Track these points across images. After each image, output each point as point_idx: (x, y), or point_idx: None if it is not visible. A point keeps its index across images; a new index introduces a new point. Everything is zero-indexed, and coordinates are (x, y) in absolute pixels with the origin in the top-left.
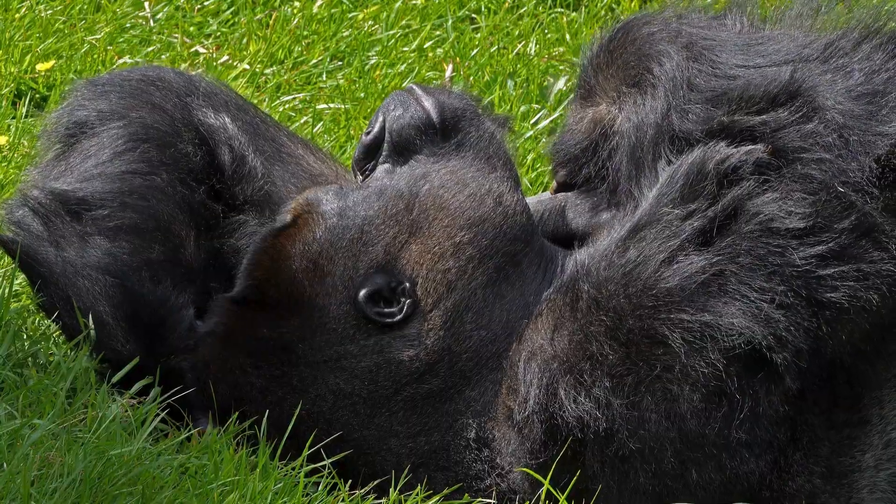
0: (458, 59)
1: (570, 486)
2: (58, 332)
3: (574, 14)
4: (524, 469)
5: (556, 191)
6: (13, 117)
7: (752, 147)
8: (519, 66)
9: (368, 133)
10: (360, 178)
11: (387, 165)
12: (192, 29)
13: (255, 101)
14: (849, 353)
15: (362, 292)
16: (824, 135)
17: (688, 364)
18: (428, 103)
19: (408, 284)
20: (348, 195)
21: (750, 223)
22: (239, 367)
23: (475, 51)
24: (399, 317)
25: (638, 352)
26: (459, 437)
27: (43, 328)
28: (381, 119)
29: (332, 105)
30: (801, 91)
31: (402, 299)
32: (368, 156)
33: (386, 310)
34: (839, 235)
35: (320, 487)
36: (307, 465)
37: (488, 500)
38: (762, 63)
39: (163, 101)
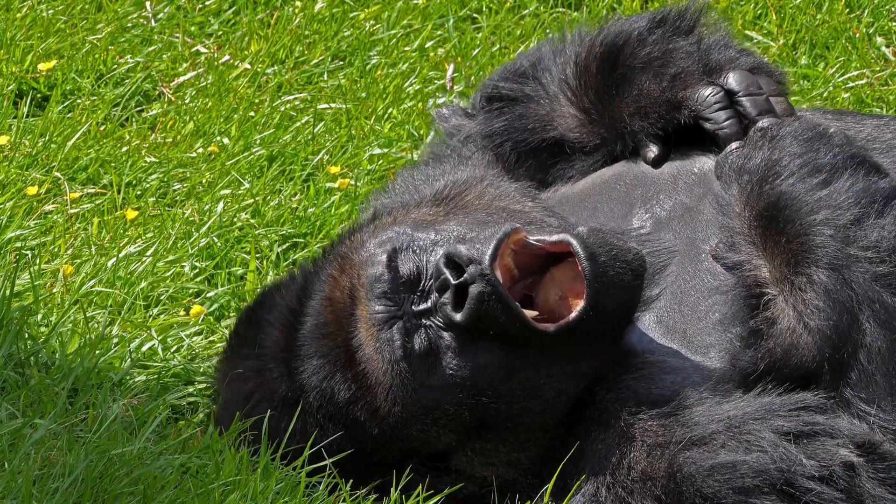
0: (459, 58)
1: None
2: (60, 332)
3: (576, 14)
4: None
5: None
6: (14, 117)
7: None
8: None
9: (456, 271)
10: (420, 303)
11: (451, 336)
12: (193, 28)
13: (257, 101)
14: None
15: (411, 464)
16: None
17: None
18: (578, 308)
19: (455, 465)
20: (425, 381)
21: None
22: None
23: (477, 50)
24: (440, 467)
25: None
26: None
27: (44, 328)
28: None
29: (333, 105)
30: None
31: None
32: (441, 285)
33: (425, 467)
34: None
35: (321, 487)
36: (308, 465)
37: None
38: None
39: None
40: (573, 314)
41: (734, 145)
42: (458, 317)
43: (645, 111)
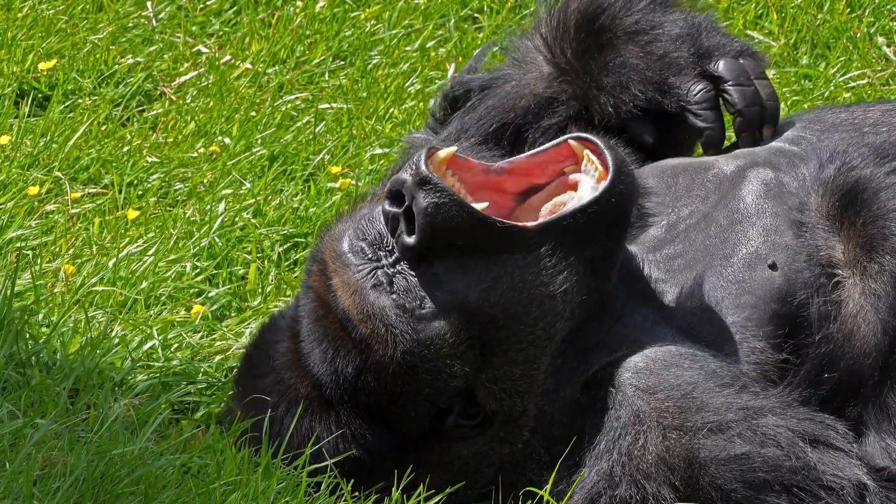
0: (460, 58)
1: None
2: (61, 332)
3: None
4: (530, 488)
5: None
6: (15, 117)
7: None
8: None
9: (401, 201)
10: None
11: (422, 268)
12: (194, 28)
13: (258, 101)
14: None
15: (449, 419)
16: None
17: None
18: (603, 184)
19: (484, 405)
20: (415, 312)
21: None
22: None
23: (478, 50)
24: (476, 422)
25: None
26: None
27: (45, 328)
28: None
29: (334, 105)
30: None
31: (480, 413)
32: (394, 202)
33: (463, 423)
34: None
35: (322, 487)
36: (309, 465)
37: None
38: None
39: None
40: (597, 192)
41: None
42: (412, 240)
43: (625, 85)
